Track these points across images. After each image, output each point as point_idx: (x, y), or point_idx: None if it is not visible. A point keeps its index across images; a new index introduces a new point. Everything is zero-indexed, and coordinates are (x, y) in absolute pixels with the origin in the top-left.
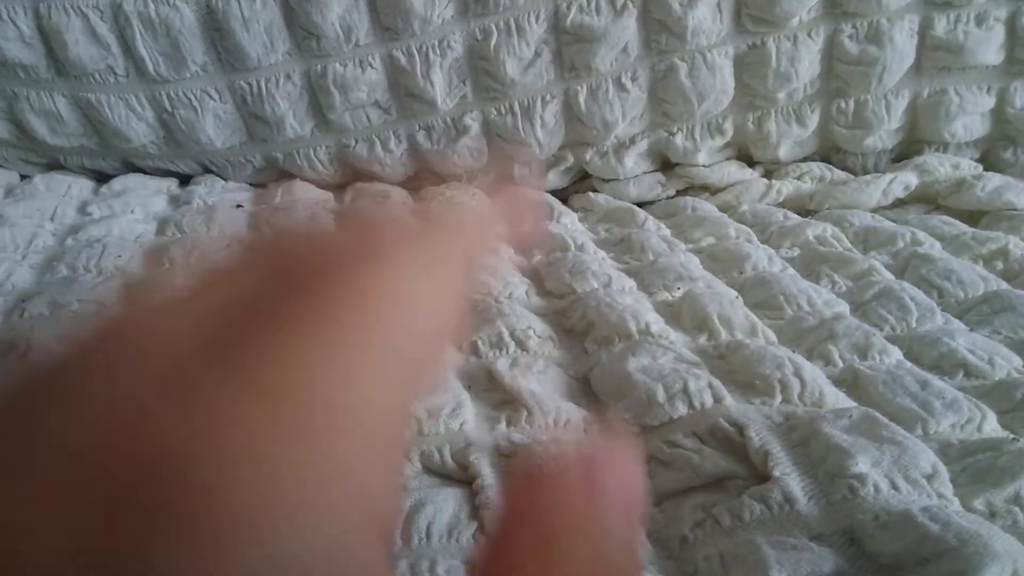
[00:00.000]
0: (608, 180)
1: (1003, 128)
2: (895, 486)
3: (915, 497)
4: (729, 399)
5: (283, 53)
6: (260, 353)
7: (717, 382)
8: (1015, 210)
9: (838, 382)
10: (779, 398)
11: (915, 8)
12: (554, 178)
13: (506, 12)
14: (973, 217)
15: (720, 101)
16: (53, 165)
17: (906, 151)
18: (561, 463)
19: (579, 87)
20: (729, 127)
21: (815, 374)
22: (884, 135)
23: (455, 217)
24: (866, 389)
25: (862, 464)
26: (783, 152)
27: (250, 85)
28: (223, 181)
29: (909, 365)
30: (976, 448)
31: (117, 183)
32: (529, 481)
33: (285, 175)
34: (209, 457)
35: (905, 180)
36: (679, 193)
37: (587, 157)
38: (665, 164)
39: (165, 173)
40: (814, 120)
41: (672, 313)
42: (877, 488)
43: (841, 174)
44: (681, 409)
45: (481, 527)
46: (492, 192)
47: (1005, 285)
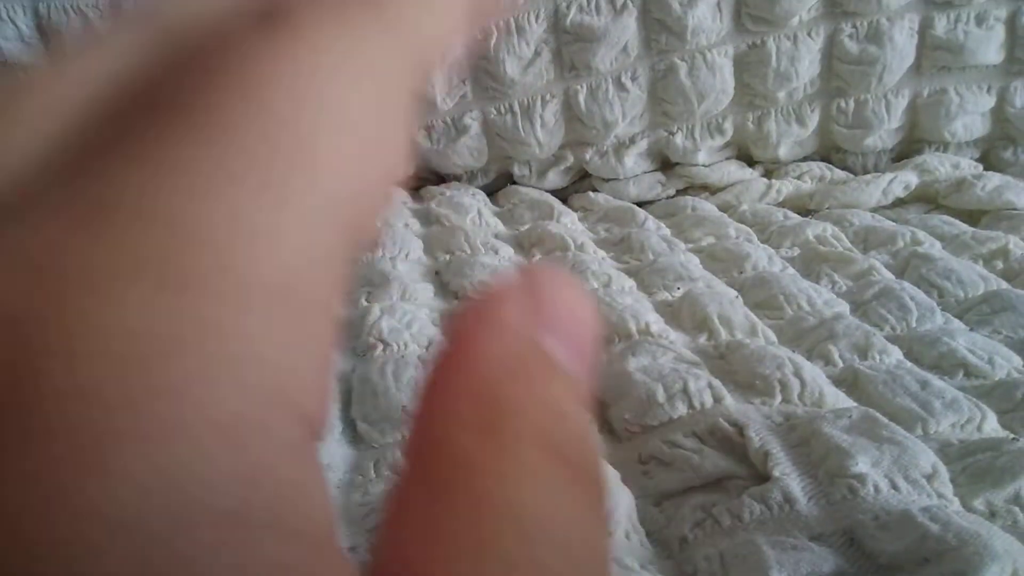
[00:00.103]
0: (608, 180)
1: (1003, 128)
2: (895, 486)
3: (915, 497)
4: (729, 399)
5: None
6: (136, 191)
7: (717, 382)
8: (1015, 210)
9: (838, 382)
10: (779, 398)
11: (915, 7)
12: (554, 178)
13: (506, 12)
14: (973, 217)
15: (720, 101)
16: None
17: (906, 151)
18: (495, 299)
19: (579, 87)
20: (729, 127)
21: (815, 374)
22: (884, 135)
23: None
24: (866, 389)
25: (862, 464)
26: (783, 152)
27: None
28: None
29: (909, 365)
30: (976, 448)
31: None
32: (462, 323)
33: None
34: (75, 348)
35: (905, 180)
36: (679, 193)
37: (587, 157)
38: (665, 164)
39: None
40: (814, 120)
41: (672, 313)
42: (877, 488)
43: (841, 174)
44: (681, 409)
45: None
46: None
47: (1005, 285)
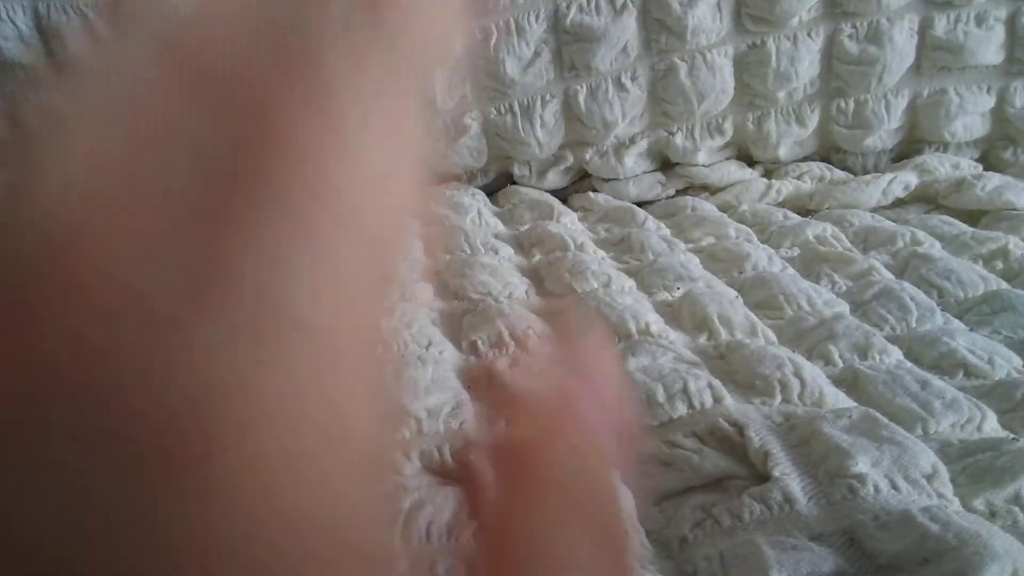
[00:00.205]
0: (608, 180)
1: (1003, 128)
2: (895, 486)
3: (915, 497)
4: (729, 399)
5: None
6: (227, 260)
7: (717, 382)
8: (1015, 210)
9: (838, 382)
10: (779, 398)
11: (915, 8)
12: (554, 178)
13: (506, 12)
14: (973, 217)
15: (720, 101)
16: None
17: (906, 151)
18: (529, 410)
19: (579, 87)
20: (729, 127)
21: (815, 374)
22: (884, 135)
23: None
24: (866, 389)
25: (862, 464)
26: (783, 152)
27: None
28: None
29: (909, 365)
30: (976, 448)
31: None
32: (507, 443)
33: None
34: (213, 404)
35: (905, 180)
36: (679, 193)
37: (587, 157)
38: (665, 164)
39: None
40: (814, 120)
41: (672, 313)
42: (877, 488)
43: (841, 174)
44: (681, 409)
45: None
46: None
47: (1005, 285)
